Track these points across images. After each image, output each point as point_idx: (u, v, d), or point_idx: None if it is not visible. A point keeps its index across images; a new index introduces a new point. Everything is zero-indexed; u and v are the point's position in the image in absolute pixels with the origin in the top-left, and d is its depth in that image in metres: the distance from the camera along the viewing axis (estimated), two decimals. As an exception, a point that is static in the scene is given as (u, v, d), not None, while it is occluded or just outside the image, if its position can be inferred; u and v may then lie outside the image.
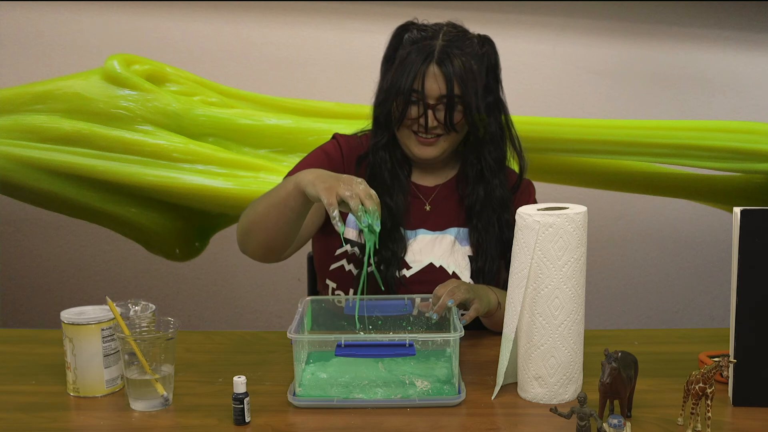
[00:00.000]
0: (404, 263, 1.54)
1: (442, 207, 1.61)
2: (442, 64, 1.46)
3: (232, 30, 2.72)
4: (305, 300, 1.39)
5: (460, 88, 1.47)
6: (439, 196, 1.61)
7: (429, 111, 1.48)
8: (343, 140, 1.62)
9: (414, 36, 1.52)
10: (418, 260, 1.55)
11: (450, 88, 1.46)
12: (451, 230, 1.58)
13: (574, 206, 1.19)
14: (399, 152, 1.58)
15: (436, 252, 1.56)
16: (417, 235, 1.57)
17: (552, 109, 2.79)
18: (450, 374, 1.25)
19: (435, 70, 1.47)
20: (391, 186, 1.56)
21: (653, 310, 3.01)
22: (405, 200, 1.57)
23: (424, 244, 1.56)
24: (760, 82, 2.89)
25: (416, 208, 1.60)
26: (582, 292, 1.18)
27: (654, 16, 2.83)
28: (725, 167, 2.36)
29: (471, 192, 1.58)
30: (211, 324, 2.85)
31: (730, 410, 1.16)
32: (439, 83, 1.47)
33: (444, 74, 1.46)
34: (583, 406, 1.00)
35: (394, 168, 1.57)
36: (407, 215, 1.57)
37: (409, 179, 1.61)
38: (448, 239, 1.57)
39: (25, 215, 2.70)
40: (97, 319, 1.23)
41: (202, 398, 1.22)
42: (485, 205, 1.57)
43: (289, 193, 1.35)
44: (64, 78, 2.24)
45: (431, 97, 1.48)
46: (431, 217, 1.60)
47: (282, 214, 1.39)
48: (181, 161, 2.14)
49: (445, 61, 1.46)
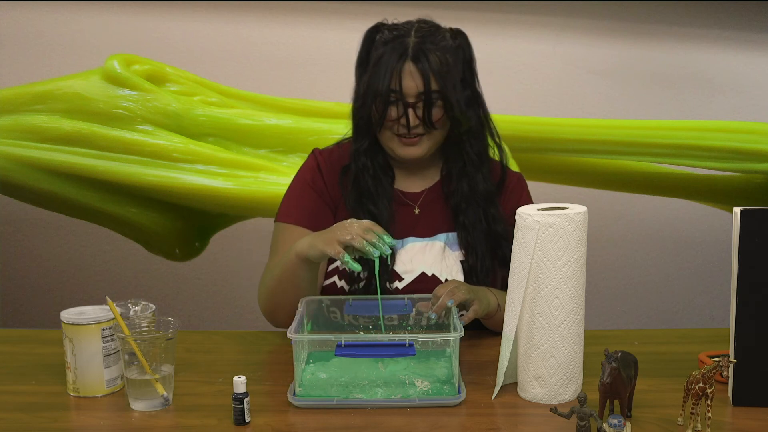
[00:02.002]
0: (396, 275, 1.52)
1: (431, 211, 1.58)
2: (418, 61, 1.44)
3: (232, 30, 2.72)
4: (305, 300, 1.39)
5: (438, 84, 1.45)
6: (426, 200, 1.59)
7: (409, 110, 1.46)
8: (321, 155, 1.61)
9: (386, 36, 1.50)
10: (409, 270, 1.52)
11: (427, 84, 1.44)
12: (440, 236, 1.56)
13: (574, 206, 1.19)
14: (381, 157, 1.57)
15: (427, 260, 1.53)
16: (406, 244, 1.55)
17: (552, 109, 2.78)
18: (450, 374, 1.25)
19: (411, 67, 1.45)
20: (375, 192, 1.54)
21: (653, 310, 3.01)
22: (389, 207, 1.55)
23: (414, 252, 1.54)
24: (760, 82, 2.89)
25: (404, 215, 1.57)
26: (582, 292, 1.18)
27: (654, 16, 2.83)
28: (725, 167, 2.36)
29: (456, 189, 1.56)
30: (211, 324, 2.85)
31: (730, 410, 1.16)
32: (416, 80, 1.45)
33: (420, 71, 1.44)
34: (583, 406, 1.00)
35: (376, 173, 1.55)
36: (393, 223, 1.54)
37: (393, 186, 1.59)
38: (438, 246, 1.55)
39: (25, 215, 2.70)
40: (97, 319, 1.23)
41: (202, 398, 1.22)
42: (470, 201, 1.55)
43: (295, 264, 1.41)
44: (64, 78, 2.24)
45: (410, 96, 1.46)
46: (420, 223, 1.57)
47: (295, 285, 1.44)
48: (181, 161, 2.14)
49: (421, 57, 1.44)
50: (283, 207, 1.59)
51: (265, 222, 2.31)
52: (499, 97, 2.73)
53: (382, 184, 1.56)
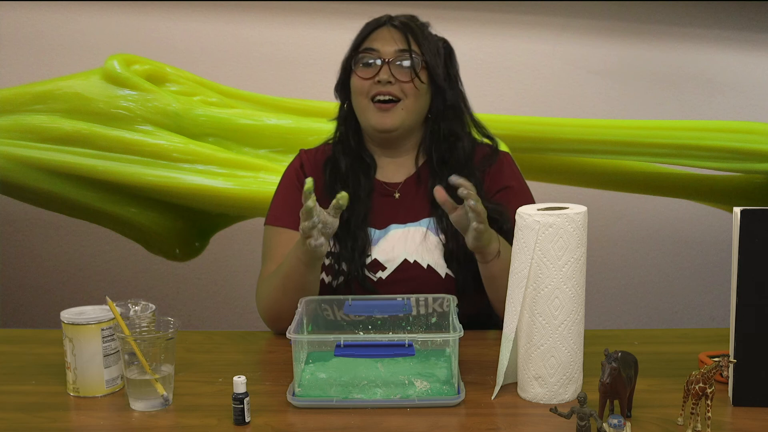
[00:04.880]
0: (379, 265, 1.52)
1: (412, 197, 1.58)
2: (399, 24, 1.51)
3: (232, 30, 2.72)
4: (304, 300, 1.38)
5: (419, 47, 1.50)
6: (407, 187, 1.59)
7: (385, 66, 1.49)
8: (306, 154, 1.64)
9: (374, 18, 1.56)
10: (391, 258, 1.52)
11: (408, 42, 1.49)
12: (423, 221, 1.55)
13: (574, 206, 1.19)
14: (363, 143, 1.60)
15: (408, 247, 1.53)
16: (388, 232, 1.55)
17: (552, 109, 2.78)
18: (449, 374, 1.25)
19: (390, 29, 1.51)
20: (353, 179, 1.56)
21: (653, 310, 3.01)
22: (367, 190, 1.56)
23: (395, 240, 1.54)
24: (760, 82, 2.89)
25: (385, 204, 1.58)
26: (582, 292, 1.18)
27: (654, 16, 2.83)
28: (725, 167, 2.37)
29: (437, 177, 1.54)
30: (211, 324, 2.85)
31: (730, 410, 1.16)
32: (396, 38, 1.49)
33: (399, 29, 1.50)
34: (583, 406, 1.00)
35: (354, 161, 1.58)
36: (373, 212, 1.55)
37: (374, 178, 1.60)
38: (420, 231, 1.54)
39: (25, 215, 2.70)
40: (97, 319, 1.23)
41: (202, 398, 1.22)
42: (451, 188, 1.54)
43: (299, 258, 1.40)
44: (64, 78, 2.24)
45: (387, 53, 1.50)
46: (401, 209, 1.57)
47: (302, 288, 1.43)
48: (181, 161, 2.15)
49: (403, 24, 1.51)
50: (271, 210, 1.61)
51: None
52: (499, 97, 2.75)
53: (358, 172, 1.57)
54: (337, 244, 1.53)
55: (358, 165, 1.58)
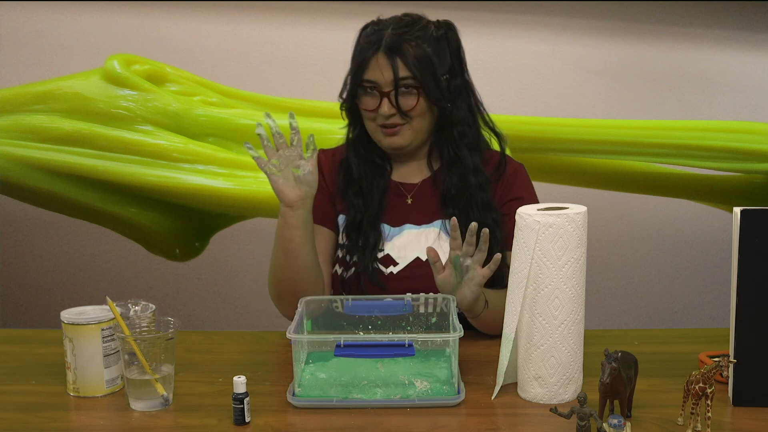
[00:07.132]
0: (391, 260, 1.54)
1: (425, 200, 1.60)
2: (390, 51, 1.48)
3: (232, 30, 2.72)
4: (304, 300, 1.38)
5: (411, 72, 1.48)
6: (421, 191, 1.61)
7: (384, 99, 1.49)
8: (323, 154, 1.65)
9: (368, 31, 1.53)
10: (403, 256, 1.55)
11: (396, 73, 1.47)
12: (436, 223, 1.58)
13: (574, 206, 1.19)
14: (374, 145, 1.60)
15: (422, 246, 1.54)
16: (402, 231, 1.57)
17: (552, 109, 2.78)
18: (449, 374, 1.25)
19: (382, 58, 1.48)
20: (367, 178, 1.58)
21: (653, 310, 3.01)
22: (381, 191, 1.58)
23: (410, 239, 1.56)
24: (760, 82, 2.89)
25: (399, 204, 1.60)
26: (582, 292, 1.18)
27: (654, 16, 2.83)
28: (725, 167, 2.36)
29: (446, 178, 1.57)
30: (211, 324, 2.85)
31: (730, 410, 1.16)
32: (387, 71, 1.48)
33: (389, 60, 1.48)
34: (583, 406, 1.00)
35: (366, 161, 1.59)
36: (388, 211, 1.58)
37: (390, 177, 1.62)
38: (433, 232, 1.57)
39: (25, 215, 2.70)
40: (97, 319, 1.23)
41: (202, 398, 1.22)
42: (461, 190, 1.56)
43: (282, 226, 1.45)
44: (64, 78, 2.24)
45: (384, 85, 1.49)
46: (414, 211, 1.59)
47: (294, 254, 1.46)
48: (181, 161, 2.14)
49: (393, 48, 1.48)
50: None
51: (265, 222, 2.31)
52: (499, 97, 2.75)
53: (370, 171, 1.59)
54: (350, 237, 1.57)
55: (373, 166, 1.60)
